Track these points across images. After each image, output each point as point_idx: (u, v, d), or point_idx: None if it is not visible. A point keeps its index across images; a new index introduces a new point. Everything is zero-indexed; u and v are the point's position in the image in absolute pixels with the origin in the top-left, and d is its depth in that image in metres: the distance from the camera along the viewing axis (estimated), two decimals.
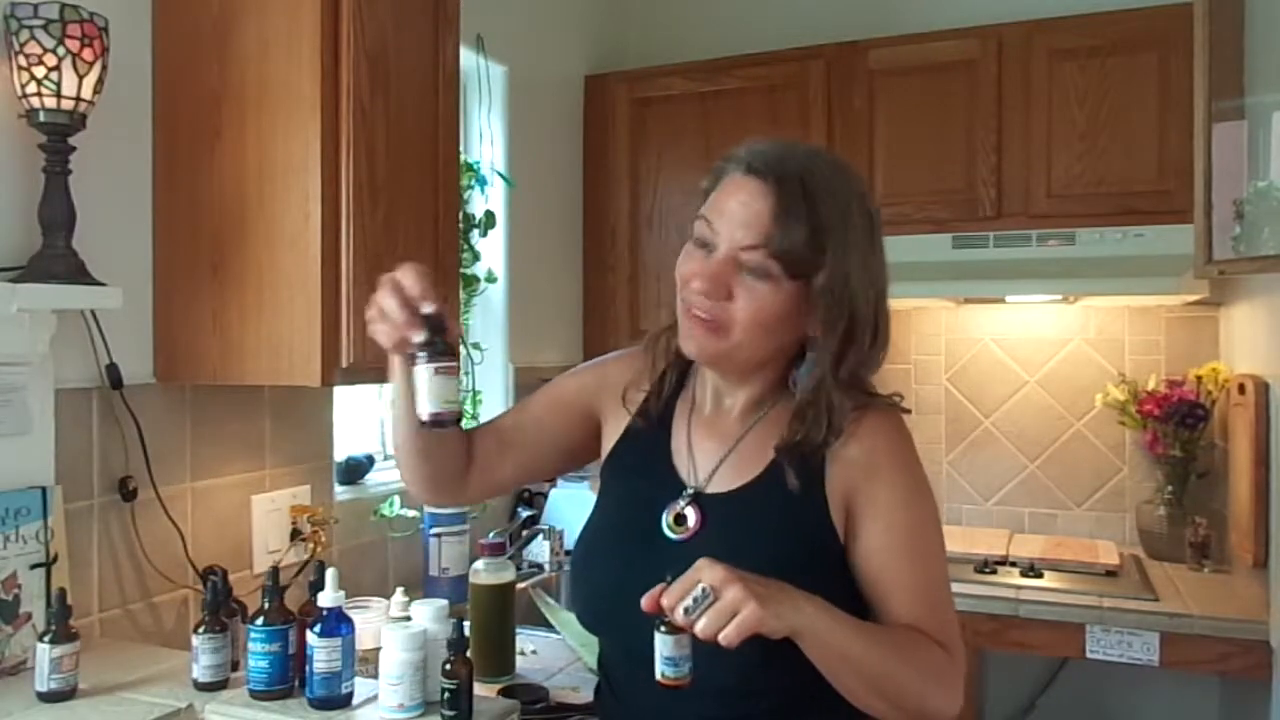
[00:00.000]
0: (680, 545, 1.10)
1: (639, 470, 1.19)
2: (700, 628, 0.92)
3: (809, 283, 1.04)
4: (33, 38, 1.34)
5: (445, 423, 1.07)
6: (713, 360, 1.11)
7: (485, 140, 2.57)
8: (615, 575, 1.13)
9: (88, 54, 1.38)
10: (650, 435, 1.20)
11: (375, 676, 1.26)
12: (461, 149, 2.12)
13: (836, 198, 1.06)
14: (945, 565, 1.13)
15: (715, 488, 1.13)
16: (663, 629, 0.95)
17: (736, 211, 1.06)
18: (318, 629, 1.23)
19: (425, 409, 1.06)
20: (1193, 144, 1.79)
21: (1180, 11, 2.09)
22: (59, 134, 1.40)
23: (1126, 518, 2.68)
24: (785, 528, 1.09)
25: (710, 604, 0.92)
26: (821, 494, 1.09)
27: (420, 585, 2.08)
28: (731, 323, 1.06)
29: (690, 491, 1.13)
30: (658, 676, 0.96)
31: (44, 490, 1.43)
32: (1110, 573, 2.34)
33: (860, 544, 1.09)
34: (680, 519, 1.12)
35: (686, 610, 0.93)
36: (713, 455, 1.15)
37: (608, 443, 1.24)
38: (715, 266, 1.06)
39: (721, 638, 0.91)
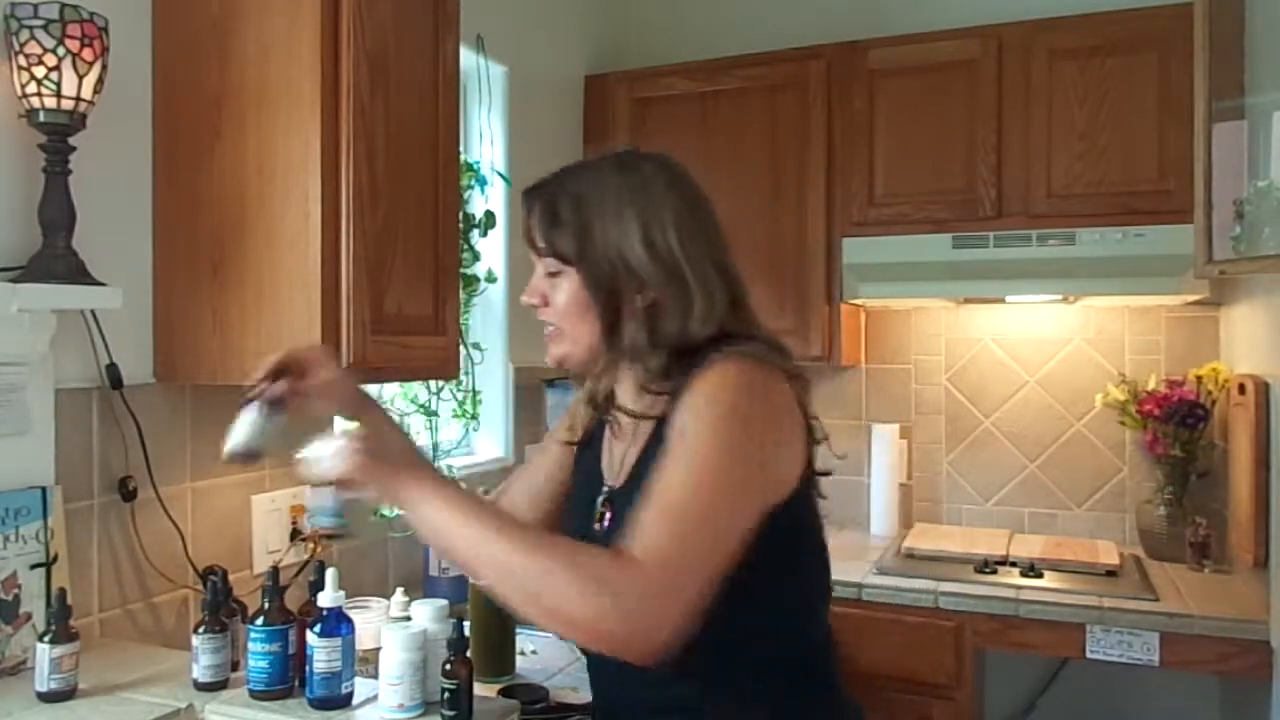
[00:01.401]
0: (600, 539, 1.16)
1: (582, 479, 1.31)
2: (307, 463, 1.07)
3: (582, 267, 1.17)
4: (33, 38, 1.34)
5: (254, 457, 1.18)
6: (563, 360, 1.24)
7: (485, 140, 2.57)
8: None
9: (88, 54, 1.38)
10: (589, 447, 1.31)
11: (375, 676, 1.26)
12: (461, 149, 2.12)
13: (578, 186, 1.20)
14: (713, 495, 1.03)
15: (619, 481, 1.22)
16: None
17: (525, 240, 1.25)
18: (318, 629, 1.23)
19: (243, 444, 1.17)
20: (1193, 144, 1.79)
21: (1180, 11, 2.10)
22: (59, 134, 1.40)
23: (1126, 518, 2.68)
24: None
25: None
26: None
27: (420, 585, 2.07)
28: (558, 322, 1.21)
29: (606, 490, 1.23)
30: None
31: (44, 490, 1.43)
32: (1110, 573, 2.34)
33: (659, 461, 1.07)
34: (600, 516, 1.22)
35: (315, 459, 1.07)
36: (620, 451, 1.24)
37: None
38: (533, 281, 1.24)
39: (319, 471, 1.06)
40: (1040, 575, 2.34)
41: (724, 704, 1.13)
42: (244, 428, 1.16)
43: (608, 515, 1.21)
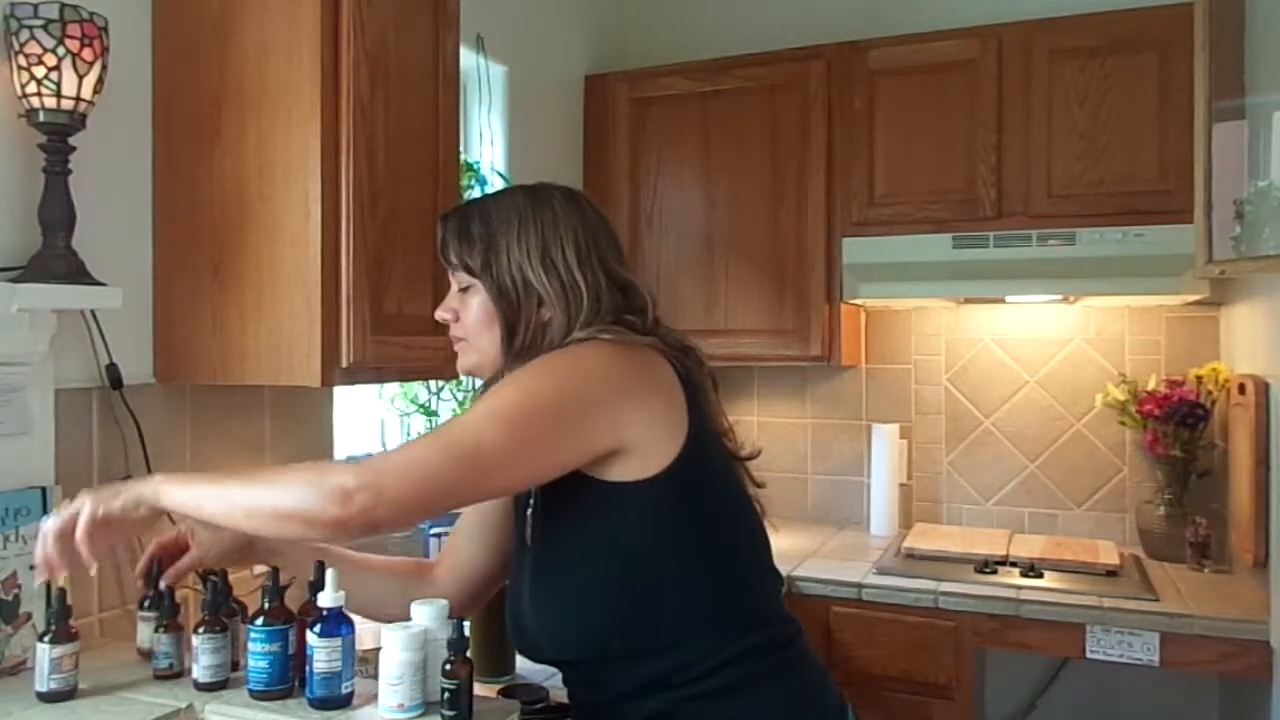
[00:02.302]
0: (527, 551, 1.28)
1: (519, 500, 1.35)
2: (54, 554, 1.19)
3: (485, 282, 1.27)
4: (33, 38, 1.34)
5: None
6: (473, 370, 1.33)
7: (485, 140, 2.57)
8: (510, 590, 1.36)
9: (88, 54, 1.38)
10: None
11: (375, 676, 1.26)
12: (461, 149, 2.12)
13: (487, 209, 1.30)
14: (483, 420, 1.15)
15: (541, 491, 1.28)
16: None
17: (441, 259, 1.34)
18: (318, 629, 1.23)
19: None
20: (1193, 144, 1.79)
21: (1180, 11, 2.10)
22: (59, 134, 1.40)
23: (1126, 518, 2.68)
24: (560, 500, 1.22)
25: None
26: None
27: None
28: (466, 334, 1.31)
29: (531, 503, 1.29)
30: None
31: (44, 490, 1.43)
32: (1110, 573, 2.34)
33: None
34: (533, 530, 1.28)
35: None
36: None
37: None
38: (448, 298, 1.34)
39: (79, 542, 1.17)
40: (1040, 575, 2.34)
41: (686, 672, 1.19)
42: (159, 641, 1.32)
43: (530, 531, 1.29)
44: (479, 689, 1.30)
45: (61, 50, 1.35)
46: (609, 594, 1.19)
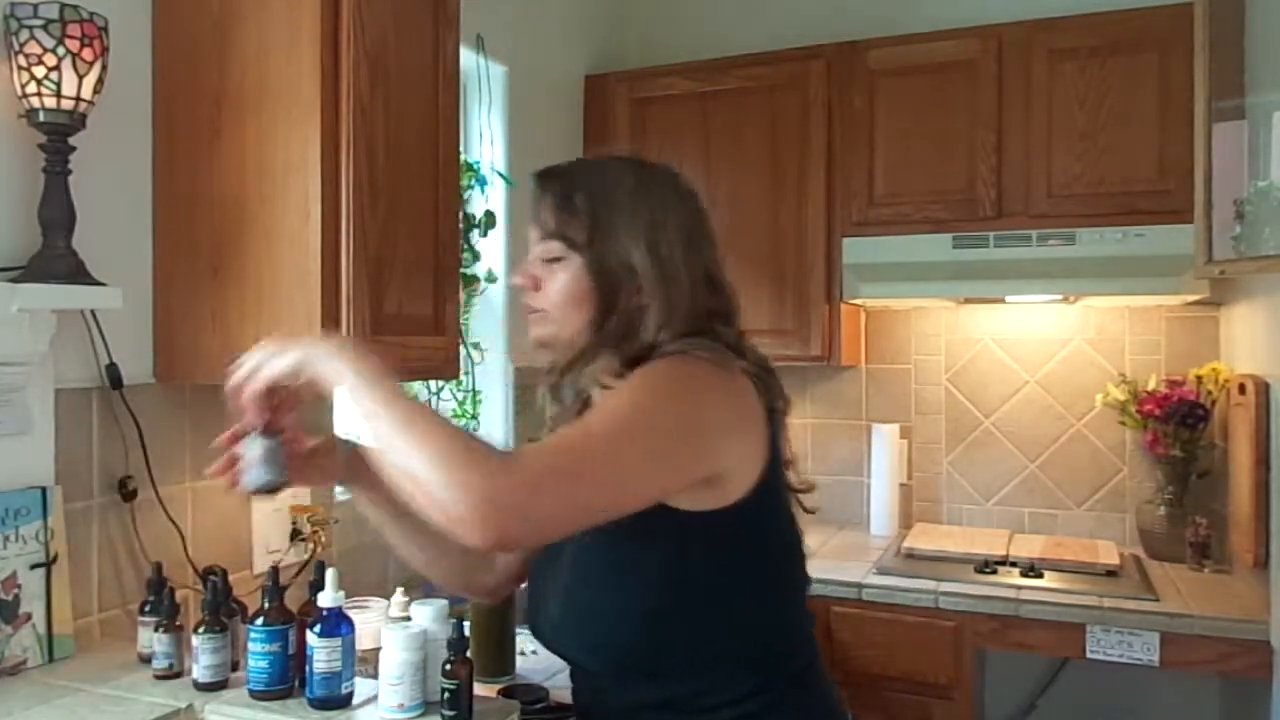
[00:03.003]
0: (560, 547, 1.20)
1: None
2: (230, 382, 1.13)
3: (586, 257, 1.19)
4: (33, 38, 1.34)
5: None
6: (547, 343, 1.26)
7: (485, 140, 2.57)
8: (533, 582, 1.31)
9: (88, 54, 1.38)
10: None
11: (375, 676, 1.26)
12: (461, 149, 2.12)
13: (595, 181, 1.23)
14: (611, 440, 1.05)
15: None
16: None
17: (532, 218, 1.26)
18: (318, 629, 1.23)
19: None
20: (1193, 144, 1.79)
21: (1180, 11, 2.10)
22: (59, 134, 1.39)
23: (1126, 518, 2.68)
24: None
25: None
26: None
27: (420, 585, 2.07)
28: (547, 306, 1.23)
29: None
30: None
31: (44, 490, 1.43)
32: (1110, 573, 2.34)
33: None
34: None
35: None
36: None
37: None
38: (524, 266, 1.26)
39: (238, 379, 1.13)
40: (1040, 575, 2.34)
41: (708, 698, 1.15)
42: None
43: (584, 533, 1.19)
44: (479, 689, 1.30)
45: (61, 50, 1.35)
46: (649, 613, 1.13)
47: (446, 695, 1.21)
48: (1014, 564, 2.41)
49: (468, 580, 1.40)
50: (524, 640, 1.82)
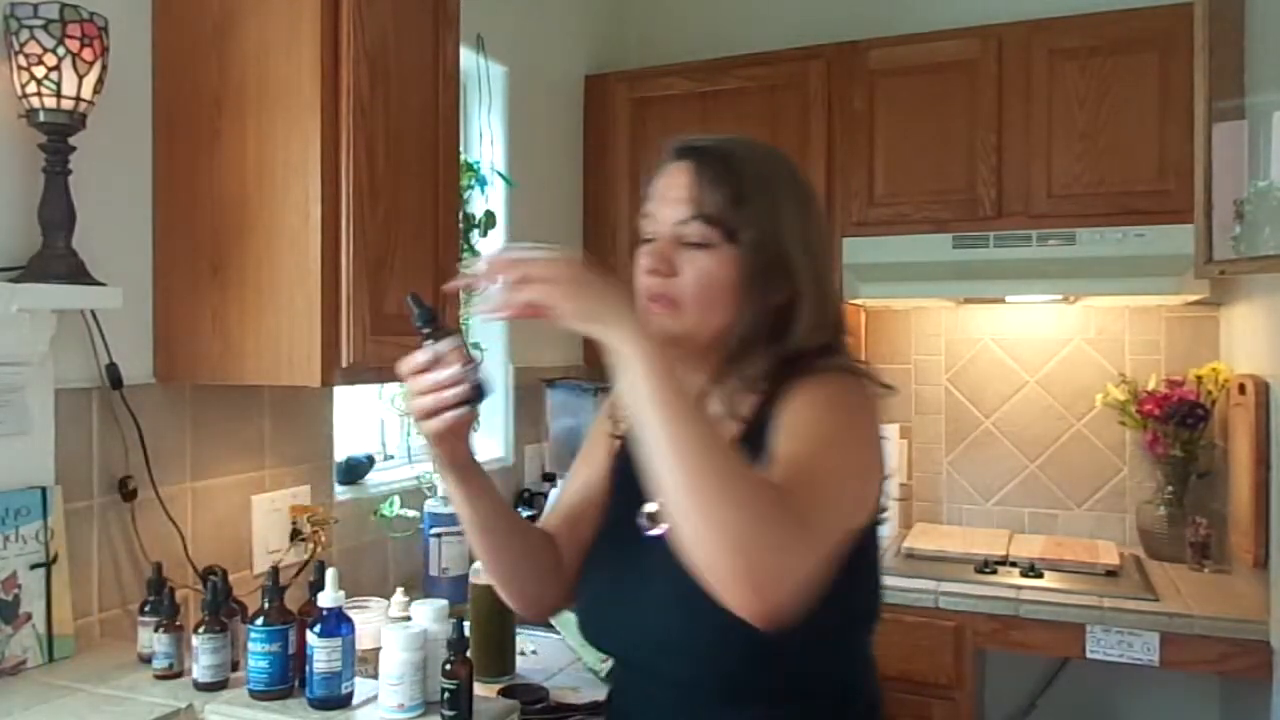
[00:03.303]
0: (654, 541, 1.06)
1: (625, 476, 1.18)
2: (499, 281, 0.94)
3: (740, 247, 1.07)
4: (33, 38, 1.34)
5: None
6: (673, 342, 1.08)
7: (485, 140, 2.57)
8: (603, 582, 1.16)
9: (88, 54, 1.38)
10: (633, 442, 1.17)
11: (375, 676, 1.26)
12: (461, 149, 2.12)
13: (758, 165, 1.12)
14: (846, 466, 1.01)
15: None
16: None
17: (667, 193, 1.12)
18: (318, 629, 1.23)
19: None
20: (1193, 144, 1.79)
21: (1180, 11, 2.10)
22: (59, 134, 1.39)
23: (1126, 518, 2.68)
24: None
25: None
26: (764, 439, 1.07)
27: (420, 585, 2.07)
28: (682, 297, 1.08)
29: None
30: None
31: (44, 490, 1.43)
32: (1110, 573, 2.34)
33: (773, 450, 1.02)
34: (654, 516, 1.09)
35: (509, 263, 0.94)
36: None
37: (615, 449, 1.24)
38: (658, 246, 1.10)
39: (500, 302, 0.95)
40: (1040, 575, 2.34)
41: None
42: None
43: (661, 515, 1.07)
44: (479, 689, 1.30)
45: (61, 50, 1.35)
46: (752, 632, 0.94)
47: (446, 695, 1.21)
48: (1014, 564, 2.41)
49: (532, 603, 1.24)
50: (524, 640, 1.83)
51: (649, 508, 1.11)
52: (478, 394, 1.02)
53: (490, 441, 2.61)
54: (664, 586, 1.03)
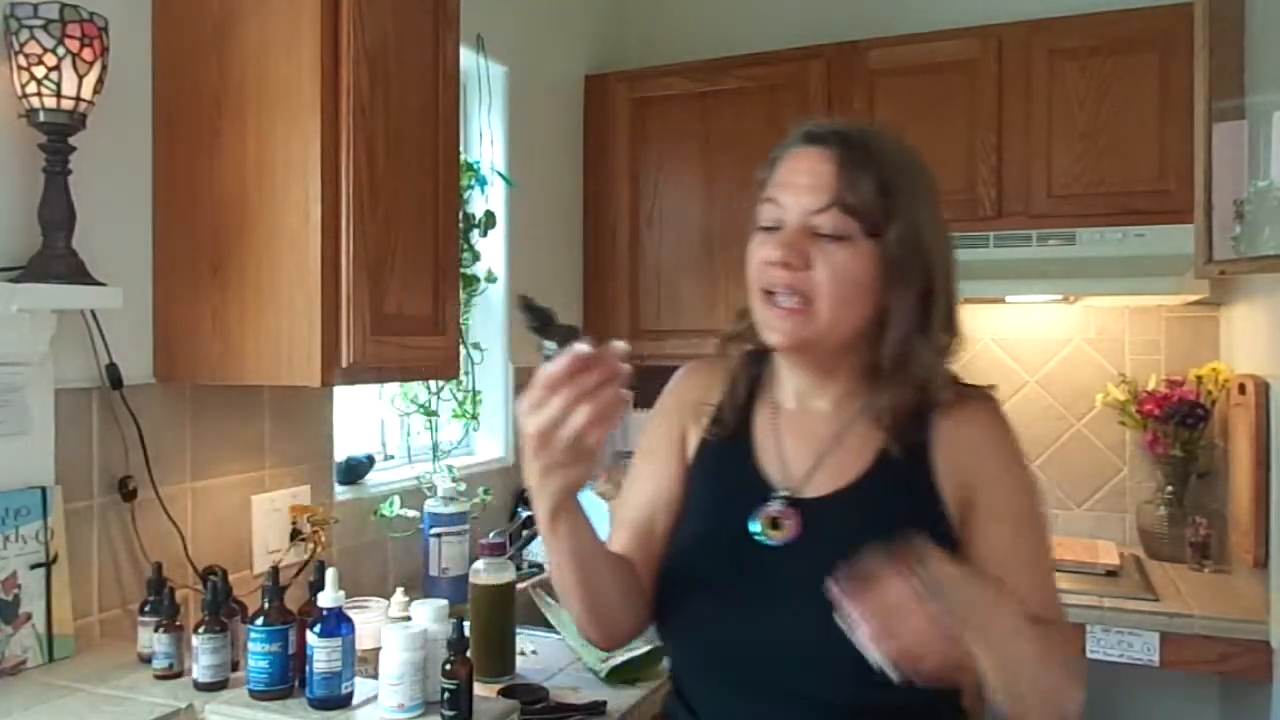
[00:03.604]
0: (778, 550, 1.04)
1: (722, 479, 1.13)
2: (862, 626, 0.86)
3: (883, 242, 1.02)
4: (33, 38, 1.34)
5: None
6: (801, 346, 1.05)
7: (485, 140, 2.57)
8: (716, 599, 1.07)
9: (88, 54, 1.38)
10: (729, 444, 1.13)
11: (375, 676, 1.26)
12: (461, 149, 2.12)
13: (899, 155, 1.06)
14: (1053, 561, 1.11)
15: (814, 490, 1.07)
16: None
17: (802, 179, 1.04)
18: (318, 629, 1.23)
19: None
20: (1193, 144, 1.79)
21: (1180, 11, 2.10)
22: (59, 134, 1.40)
23: (1126, 518, 2.68)
24: (898, 526, 1.01)
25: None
26: (932, 488, 1.05)
27: (420, 585, 2.07)
28: (815, 294, 1.01)
29: (783, 494, 1.07)
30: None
31: (44, 490, 1.43)
32: (1110, 573, 2.34)
33: (980, 543, 1.04)
34: (775, 523, 1.06)
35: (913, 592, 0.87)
36: (806, 457, 1.10)
37: (688, 459, 1.17)
38: (790, 236, 1.02)
39: (884, 649, 0.86)
40: None
41: None
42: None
43: (789, 522, 1.06)
44: (479, 689, 1.30)
45: (61, 50, 1.35)
46: None
47: (446, 695, 1.21)
48: None
49: (616, 633, 1.15)
50: (524, 640, 1.83)
51: (771, 510, 1.06)
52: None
53: (490, 441, 2.61)
54: (803, 600, 0.98)
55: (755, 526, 1.06)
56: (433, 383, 2.32)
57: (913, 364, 1.04)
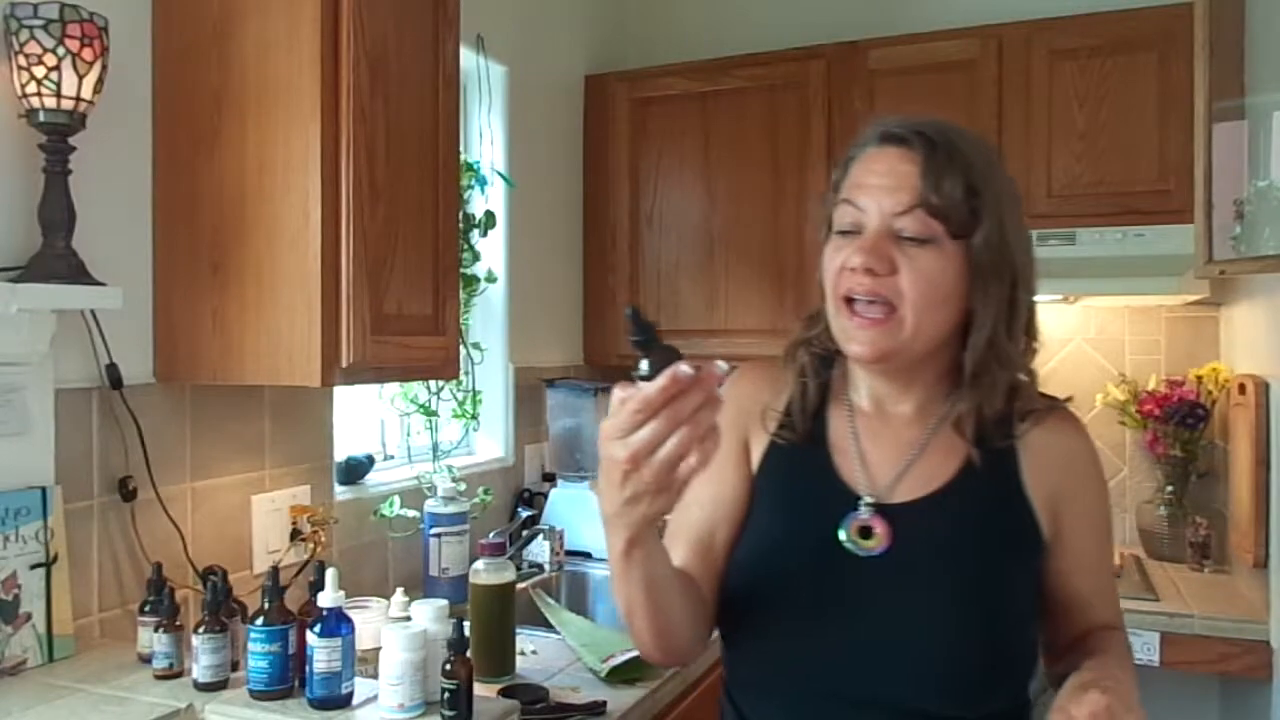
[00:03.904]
0: (870, 560, 1.01)
1: (798, 484, 1.09)
2: None
3: (969, 244, 0.98)
4: (33, 38, 1.34)
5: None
6: (886, 357, 1.00)
7: (485, 140, 2.57)
8: (809, 615, 1.02)
9: (88, 54, 1.38)
10: (803, 450, 1.09)
11: (375, 676, 1.26)
12: (461, 149, 2.12)
13: (983, 153, 1.02)
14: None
15: (901, 497, 1.04)
16: None
17: (883, 180, 0.99)
18: (318, 629, 1.23)
19: None
20: (1193, 144, 1.79)
21: (1180, 11, 2.10)
22: (59, 134, 1.40)
23: (1127, 518, 2.68)
24: (987, 533, 1.03)
25: None
26: (1021, 494, 1.04)
27: (420, 585, 2.07)
28: (899, 301, 0.97)
29: (870, 502, 1.04)
30: None
31: (44, 490, 1.43)
32: None
33: (1069, 553, 1.07)
34: (865, 532, 1.02)
35: None
36: (892, 464, 1.06)
37: (752, 465, 1.13)
38: (872, 239, 0.98)
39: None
40: None
41: None
42: None
43: (879, 530, 1.02)
44: (479, 689, 1.30)
45: (61, 50, 1.35)
46: (998, 649, 1.01)
47: (446, 695, 1.21)
48: None
49: (682, 652, 1.09)
50: (524, 640, 1.83)
51: (861, 518, 1.03)
52: None
53: (490, 441, 2.61)
54: (894, 607, 0.99)
55: (844, 534, 1.03)
56: (433, 383, 2.32)
57: (998, 368, 1.01)
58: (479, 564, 1.72)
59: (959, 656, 0.98)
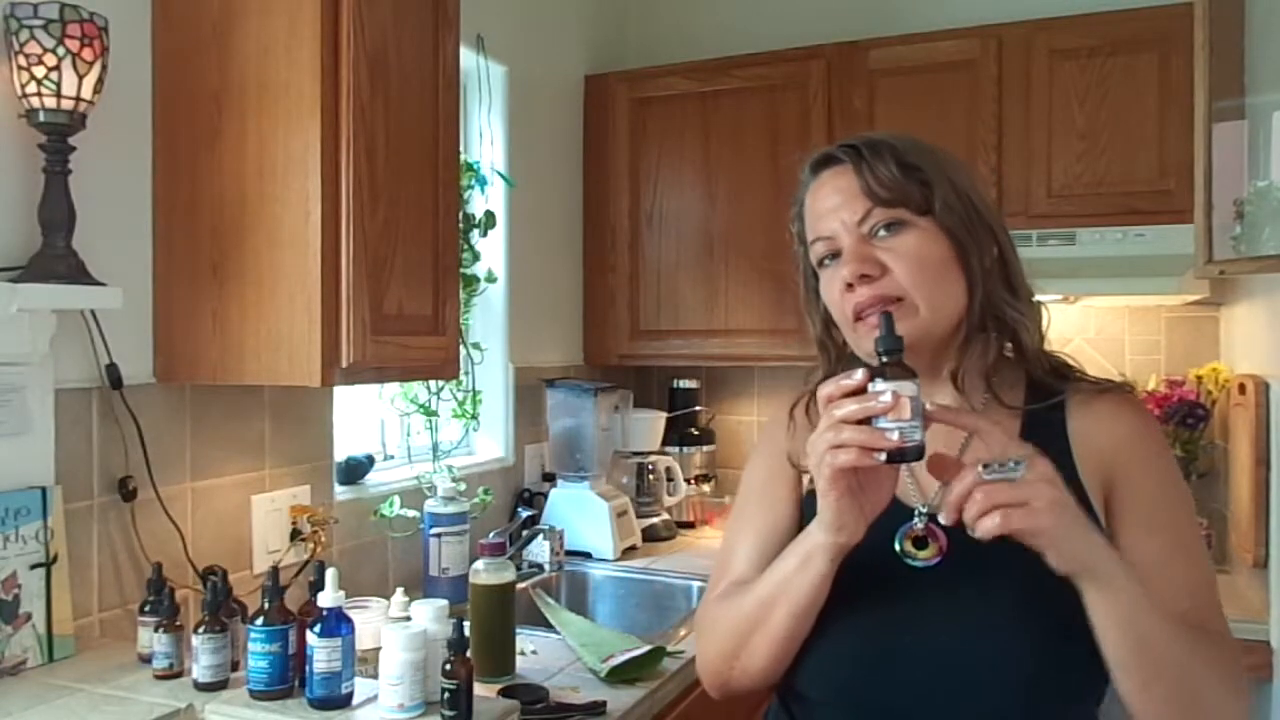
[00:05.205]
0: (929, 570, 1.00)
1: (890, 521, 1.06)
2: (979, 495, 0.86)
3: (935, 215, 1.01)
4: (33, 37, 1.34)
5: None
6: (923, 336, 1.01)
7: (485, 140, 2.57)
8: (869, 630, 1.03)
9: (88, 54, 1.38)
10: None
11: (375, 676, 1.26)
12: (461, 149, 2.12)
13: (903, 138, 1.06)
14: (1212, 567, 1.08)
15: None
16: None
17: (833, 199, 1.05)
18: (318, 629, 1.23)
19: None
20: (1193, 144, 1.79)
21: (1180, 11, 2.09)
22: (59, 134, 1.40)
23: None
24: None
25: (1005, 478, 0.86)
26: (1075, 483, 1.00)
27: (420, 585, 2.07)
28: (904, 290, 1.00)
29: (925, 511, 1.03)
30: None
31: (44, 490, 1.43)
32: None
33: (1126, 544, 1.00)
34: (920, 542, 1.02)
35: (985, 467, 0.86)
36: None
37: (803, 488, 1.15)
38: (853, 250, 1.02)
39: (981, 521, 0.85)
40: None
41: None
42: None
43: (936, 543, 1.01)
44: (479, 689, 1.30)
45: (61, 50, 1.35)
46: (1055, 654, 0.98)
47: (446, 695, 1.21)
48: None
49: (765, 679, 1.11)
50: (524, 640, 1.83)
51: (915, 529, 1.02)
52: (916, 454, 0.89)
53: (490, 441, 2.61)
54: (956, 617, 0.99)
55: (899, 546, 1.02)
56: (433, 383, 2.33)
57: (1003, 314, 1.03)
58: (479, 564, 1.72)
59: (1019, 669, 0.96)
